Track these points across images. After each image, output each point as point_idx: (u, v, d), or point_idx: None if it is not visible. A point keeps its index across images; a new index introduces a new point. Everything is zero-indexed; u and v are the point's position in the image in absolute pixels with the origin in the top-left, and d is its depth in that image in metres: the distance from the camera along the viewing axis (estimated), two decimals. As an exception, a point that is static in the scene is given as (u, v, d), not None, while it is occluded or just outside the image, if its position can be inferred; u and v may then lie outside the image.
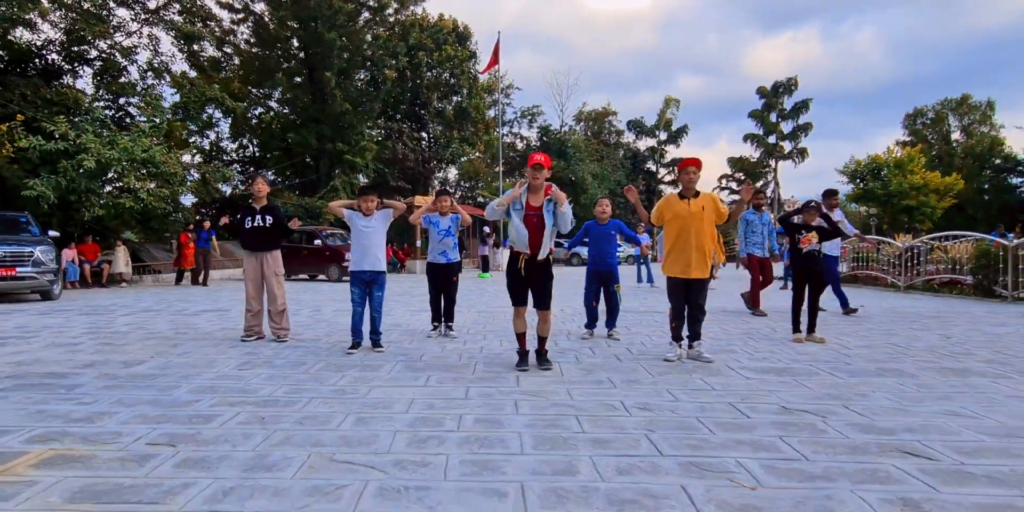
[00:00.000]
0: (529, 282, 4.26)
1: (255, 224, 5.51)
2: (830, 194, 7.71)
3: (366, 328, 5.13)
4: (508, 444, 2.71)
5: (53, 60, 17.13)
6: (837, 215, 7.26)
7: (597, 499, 2.12)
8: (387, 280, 5.26)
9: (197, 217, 21.01)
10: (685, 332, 4.66)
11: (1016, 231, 18.02)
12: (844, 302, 7.61)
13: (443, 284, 5.85)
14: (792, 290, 5.67)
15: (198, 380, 4.01)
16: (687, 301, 4.59)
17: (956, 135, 40.92)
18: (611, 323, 5.72)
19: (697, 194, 4.55)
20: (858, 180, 33.05)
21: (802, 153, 45.70)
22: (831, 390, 3.70)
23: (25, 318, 7.60)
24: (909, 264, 11.53)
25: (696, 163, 4.54)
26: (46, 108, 14.60)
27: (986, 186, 36.96)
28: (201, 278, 15.09)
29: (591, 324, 5.75)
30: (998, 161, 36.97)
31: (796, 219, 5.71)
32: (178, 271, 15.69)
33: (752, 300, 7.60)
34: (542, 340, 4.39)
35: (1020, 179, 35.85)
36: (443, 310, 5.90)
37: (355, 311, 5.07)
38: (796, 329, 5.51)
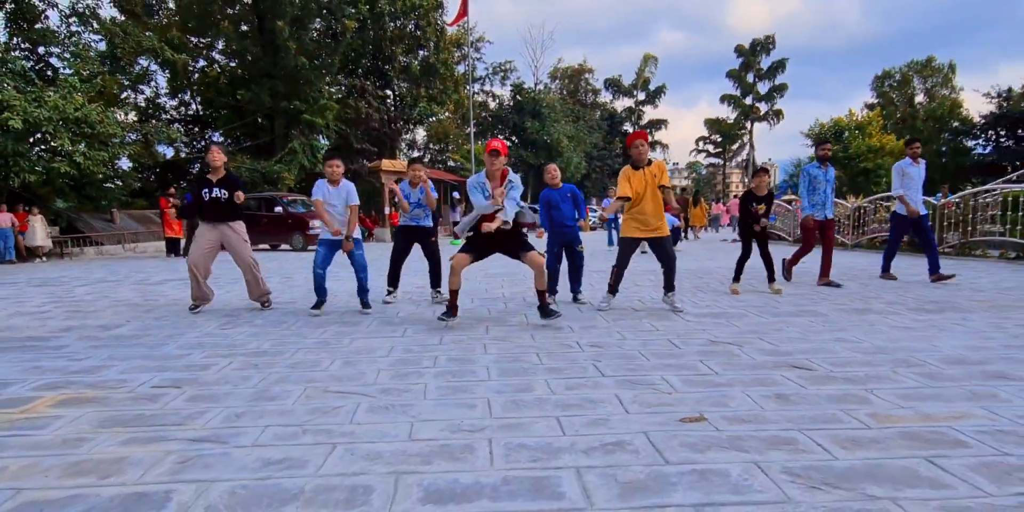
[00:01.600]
0: (497, 242, 4.65)
1: (212, 196, 5.66)
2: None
3: (332, 287, 5.64)
4: (477, 374, 3.39)
5: None
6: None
7: (548, 405, 2.81)
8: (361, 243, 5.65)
9: (181, 183, 20.42)
10: (625, 284, 5.66)
11: (944, 192, 19.91)
12: (933, 266, 6.93)
13: (425, 249, 6.18)
14: (742, 246, 6.57)
15: (183, 339, 4.52)
16: (658, 258, 5.38)
17: (920, 97, 43.84)
18: (576, 286, 6.05)
19: (649, 162, 5.29)
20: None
21: (777, 114, 47.62)
22: (754, 327, 4.56)
23: (-27, 290, 7.89)
24: (857, 224, 12.80)
25: (643, 135, 5.39)
26: None
27: (944, 149, 39.46)
28: (183, 248, 14.54)
29: (552, 289, 5.90)
30: (956, 124, 39.95)
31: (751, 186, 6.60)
32: (167, 240, 15.19)
33: (788, 263, 7.28)
34: (540, 293, 4.68)
35: (974, 142, 38.41)
36: (431, 273, 6.23)
37: (316, 274, 5.38)
38: (736, 279, 6.42)
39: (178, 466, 2.23)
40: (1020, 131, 36.50)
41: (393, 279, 6.24)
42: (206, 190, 5.70)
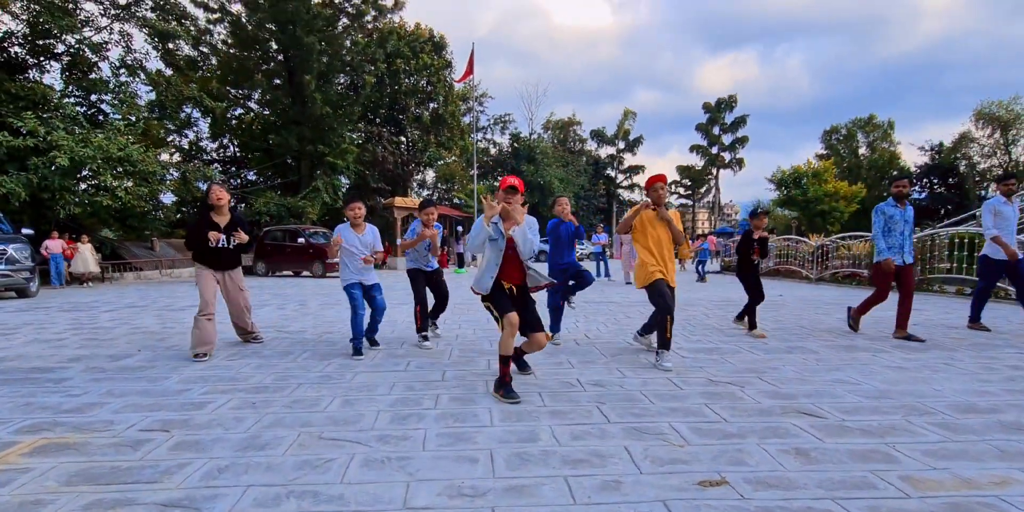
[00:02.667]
0: (516, 301, 3.48)
1: (218, 245, 4.58)
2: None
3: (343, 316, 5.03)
4: (479, 418, 2.87)
5: (16, 53, 16.05)
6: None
7: (554, 460, 2.30)
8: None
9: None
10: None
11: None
12: (974, 315, 5.89)
13: (435, 288, 5.35)
14: (749, 294, 5.53)
15: (187, 371, 3.99)
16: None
17: (863, 149, 44.70)
18: (558, 326, 5.15)
19: (667, 207, 4.38)
20: (783, 187, 35.93)
21: (739, 162, 48.70)
22: (750, 365, 4.06)
23: (2, 315, 7.32)
24: (820, 260, 12.48)
25: (663, 179, 4.42)
26: (11, 103, 13.78)
27: (885, 195, 40.18)
28: None
29: (555, 328, 5.17)
30: (895, 172, 40.92)
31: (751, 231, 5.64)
32: None
33: (856, 312, 5.73)
34: (524, 352, 3.68)
35: (912, 189, 39.51)
36: (434, 309, 5.40)
37: (359, 316, 4.52)
38: (752, 325, 5.46)
39: (138, 542, 1.70)
40: (950, 180, 37.35)
41: (420, 326, 5.15)
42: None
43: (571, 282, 5.12)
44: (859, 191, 34.74)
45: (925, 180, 38.59)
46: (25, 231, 11.08)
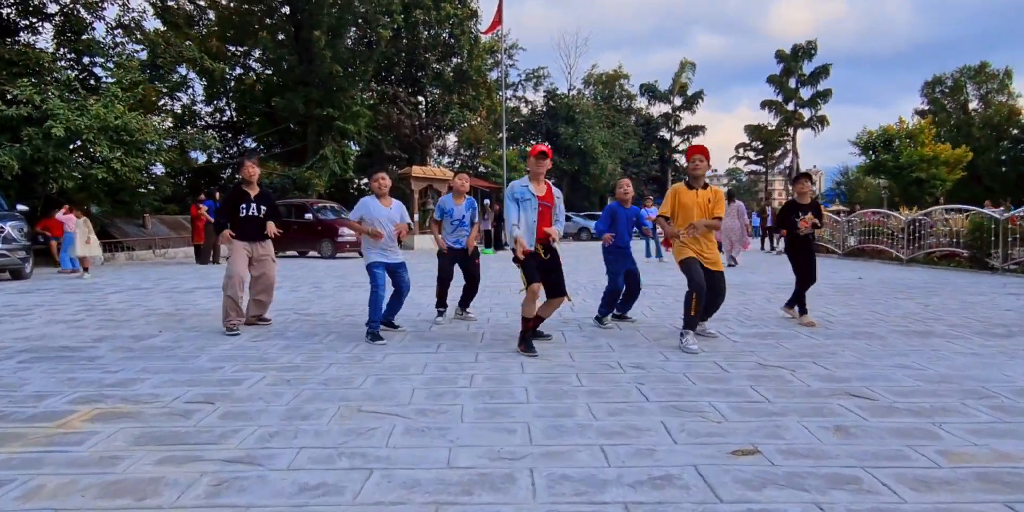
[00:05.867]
0: (545, 264, 4.40)
1: (249, 213, 5.46)
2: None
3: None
4: (515, 395, 3.35)
5: (6, 14, 17.03)
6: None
7: (591, 432, 2.76)
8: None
9: (213, 187, 20.99)
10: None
11: (1006, 205, 19.27)
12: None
13: (466, 270, 5.89)
14: (794, 270, 5.69)
15: (215, 351, 4.61)
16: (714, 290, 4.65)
17: (974, 104, 42.71)
18: (626, 307, 5.74)
19: (706, 185, 4.70)
20: (870, 152, 34.72)
21: (822, 121, 47.00)
22: (806, 350, 4.40)
23: (8, 297, 8.19)
24: (912, 237, 12.40)
25: (703, 150, 4.71)
26: (4, 69, 14.60)
27: (1003, 157, 38.44)
28: (212, 256, 14.92)
29: (623, 307, 5.74)
30: (1015, 131, 38.96)
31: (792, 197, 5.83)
32: (196, 246, 15.58)
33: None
34: (540, 319, 4.53)
35: None
36: (465, 294, 5.94)
37: (378, 297, 4.98)
38: (803, 311, 5.60)
39: (214, 489, 2.25)
40: None
41: (442, 299, 5.98)
42: (244, 205, 5.50)
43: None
44: (964, 155, 33.20)
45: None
46: (20, 207, 12.04)
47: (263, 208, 5.57)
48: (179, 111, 25.79)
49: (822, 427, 2.76)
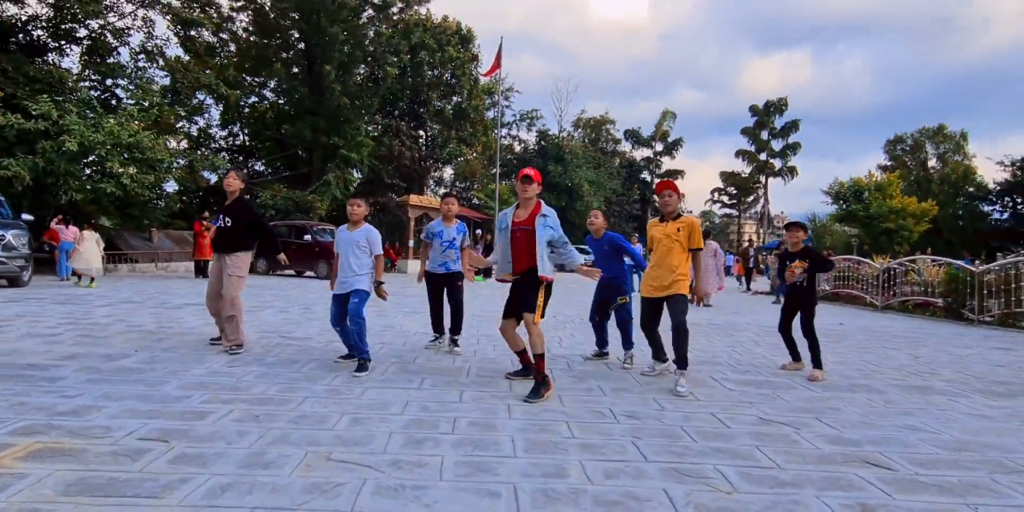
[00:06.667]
0: (515, 291, 4.06)
1: (221, 224, 5.13)
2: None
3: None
4: (501, 447, 2.84)
5: (38, 36, 16.93)
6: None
7: (585, 500, 2.26)
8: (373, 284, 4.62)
9: (215, 208, 20.74)
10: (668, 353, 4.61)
11: (980, 258, 19.41)
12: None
13: (449, 293, 5.51)
14: (780, 318, 5.26)
15: (187, 376, 4.06)
16: (670, 316, 4.38)
17: (932, 162, 43.77)
18: (625, 344, 5.14)
19: (677, 217, 4.52)
20: (841, 201, 35.37)
21: (791, 171, 47.96)
22: (806, 403, 3.92)
23: (-2, 305, 7.59)
24: (886, 285, 12.11)
25: (672, 186, 4.58)
26: (28, 85, 14.39)
27: (960, 212, 39.32)
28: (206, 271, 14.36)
29: (598, 344, 5.38)
30: (971, 189, 39.70)
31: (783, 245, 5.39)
32: (196, 262, 15.14)
33: None
34: (536, 356, 3.90)
35: (991, 207, 38.50)
36: (452, 320, 5.49)
37: (336, 331, 4.60)
38: (795, 358, 5.19)
39: (136, 564, 1.73)
40: None
41: (437, 326, 5.62)
42: (219, 217, 5.20)
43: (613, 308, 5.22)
44: (929, 208, 33.86)
45: (1007, 198, 37.52)
46: (25, 217, 11.47)
47: (227, 220, 5.10)
48: (195, 134, 25.59)
49: (845, 505, 2.29)
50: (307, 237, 16.76)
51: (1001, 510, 2.29)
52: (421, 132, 31.31)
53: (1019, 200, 36.79)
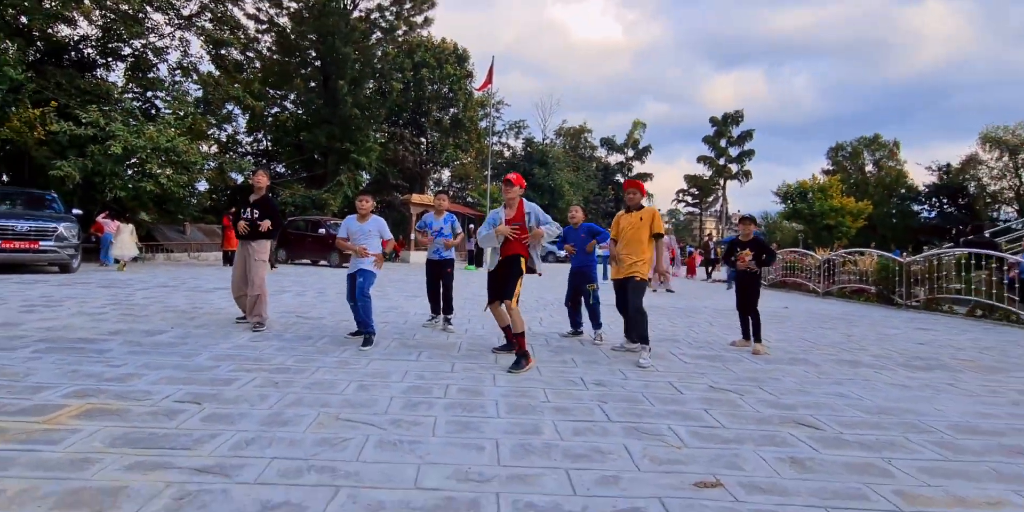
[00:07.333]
0: (496, 278, 4.12)
1: (245, 216, 5.21)
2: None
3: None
4: (486, 409, 2.90)
5: (88, 54, 16.91)
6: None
7: (556, 453, 2.33)
8: (380, 271, 4.68)
9: (236, 197, 20.62)
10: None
11: (907, 250, 19.78)
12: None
13: (441, 277, 5.63)
14: (736, 302, 5.30)
15: (216, 349, 4.08)
16: (628, 298, 4.46)
17: (869, 167, 44.03)
18: (594, 325, 5.24)
19: (640, 208, 4.65)
20: (789, 201, 35.65)
21: (746, 174, 48.24)
22: (751, 374, 4.00)
23: (47, 288, 7.51)
24: (827, 274, 12.20)
25: (637, 184, 4.74)
26: (79, 97, 14.40)
27: (894, 211, 39.79)
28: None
29: (572, 324, 5.45)
30: (903, 191, 40.17)
31: (735, 234, 5.44)
32: (224, 252, 15.13)
33: None
34: (516, 334, 3.92)
35: (920, 206, 39.28)
36: (443, 300, 5.62)
37: (351, 306, 4.66)
38: (745, 336, 5.19)
39: (174, 504, 1.78)
40: (960, 200, 36.75)
41: (435, 308, 5.70)
42: (244, 209, 5.19)
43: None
44: (865, 207, 34.27)
45: (934, 199, 37.96)
46: (75, 211, 11.38)
47: (255, 212, 5.18)
48: (224, 139, 25.43)
49: (778, 459, 2.36)
50: (321, 230, 16.89)
51: (911, 463, 2.37)
52: (422, 139, 31.40)
53: (945, 201, 37.32)
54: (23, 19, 14.10)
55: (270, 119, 26.87)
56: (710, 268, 18.78)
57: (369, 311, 4.50)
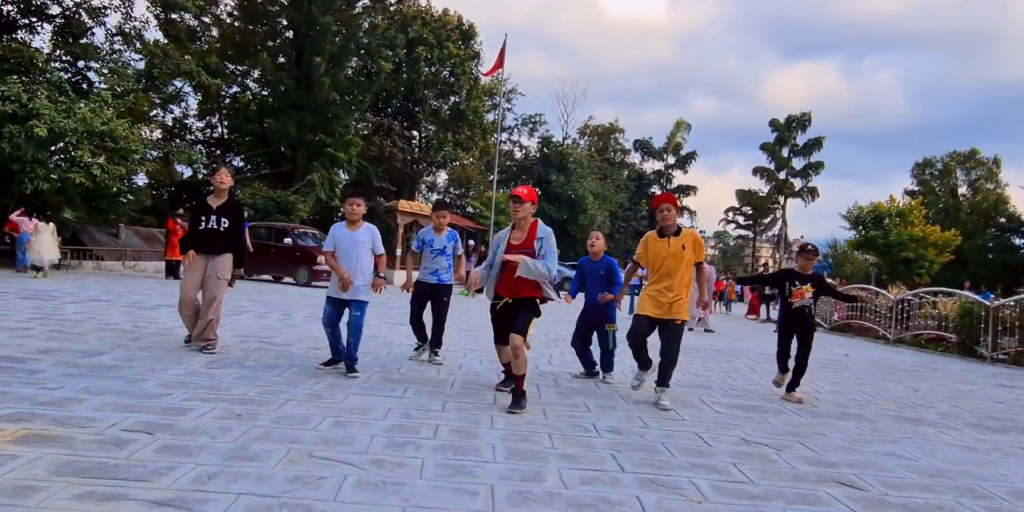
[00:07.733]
0: (504, 315, 4.25)
1: (209, 225, 5.23)
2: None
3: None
4: (482, 453, 3.16)
5: (7, 11, 17.01)
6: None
7: (559, 502, 2.57)
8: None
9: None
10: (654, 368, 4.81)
11: (998, 292, 19.79)
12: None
13: (433, 306, 5.72)
14: (777, 344, 5.57)
15: (166, 375, 4.35)
16: (662, 342, 4.63)
17: (963, 189, 44.10)
18: (605, 366, 5.57)
19: (678, 231, 4.61)
20: (860, 227, 35.55)
21: (812, 192, 47.91)
22: (792, 428, 4.24)
23: (-40, 298, 7.83)
24: (900, 317, 12.40)
25: (670, 199, 4.71)
26: None
27: (990, 244, 39.72)
28: (176, 271, 14.25)
29: (585, 366, 5.70)
30: (1002, 220, 40.15)
31: (793, 266, 5.64)
32: (167, 262, 15.10)
33: None
34: (515, 377, 4.17)
35: (1022, 240, 39.13)
36: (432, 333, 5.75)
37: (327, 332, 4.95)
38: (783, 370, 5.42)
39: (133, 535, 2.03)
40: None
41: (420, 335, 5.86)
42: (203, 217, 5.27)
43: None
44: (952, 238, 34.35)
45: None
46: None
47: (224, 221, 5.28)
48: (170, 123, 25.82)
49: (808, 517, 2.61)
50: (287, 240, 16.61)
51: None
52: (415, 133, 31.72)
53: (1054, 234, 37.55)
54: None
55: (228, 100, 27.29)
56: (768, 305, 18.96)
57: (358, 347, 4.83)
